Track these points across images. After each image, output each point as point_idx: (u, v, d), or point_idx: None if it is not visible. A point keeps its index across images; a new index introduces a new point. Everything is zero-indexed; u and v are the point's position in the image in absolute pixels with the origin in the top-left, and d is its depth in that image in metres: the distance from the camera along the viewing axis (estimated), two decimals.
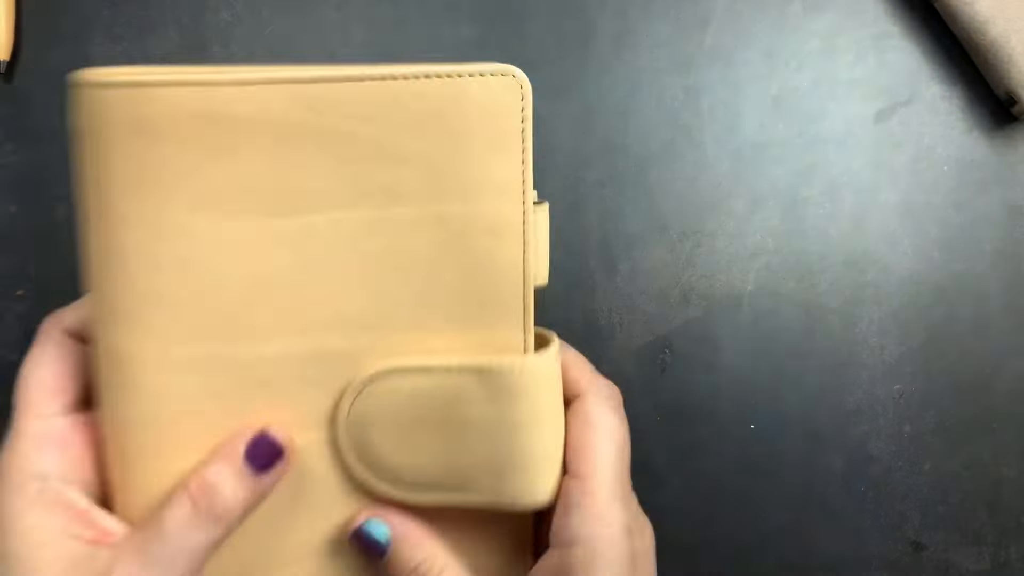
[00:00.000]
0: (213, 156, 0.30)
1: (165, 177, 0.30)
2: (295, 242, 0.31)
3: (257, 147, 0.30)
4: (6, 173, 0.49)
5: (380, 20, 0.50)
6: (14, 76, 0.50)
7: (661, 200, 0.49)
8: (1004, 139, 0.50)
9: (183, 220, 0.30)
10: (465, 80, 0.30)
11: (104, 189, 0.30)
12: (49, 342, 0.32)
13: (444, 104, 0.30)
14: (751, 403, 0.48)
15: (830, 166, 0.50)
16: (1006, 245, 0.49)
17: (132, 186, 0.30)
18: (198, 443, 0.31)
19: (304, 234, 0.31)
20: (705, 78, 0.50)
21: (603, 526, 0.30)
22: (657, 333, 0.49)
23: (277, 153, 0.30)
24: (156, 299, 0.30)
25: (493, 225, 0.31)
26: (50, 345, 0.32)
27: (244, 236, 0.30)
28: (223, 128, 0.29)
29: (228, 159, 0.30)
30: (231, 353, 0.31)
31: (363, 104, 0.30)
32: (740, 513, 0.48)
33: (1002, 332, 0.49)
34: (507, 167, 0.31)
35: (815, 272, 0.49)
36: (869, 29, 0.51)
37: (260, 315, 0.31)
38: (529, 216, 0.31)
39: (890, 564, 0.48)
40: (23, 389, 0.31)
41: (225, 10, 0.50)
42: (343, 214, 0.31)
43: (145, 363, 0.31)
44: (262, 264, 0.31)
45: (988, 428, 0.48)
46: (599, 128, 0.50)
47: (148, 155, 0.29)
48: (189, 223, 0.30)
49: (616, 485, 0.32)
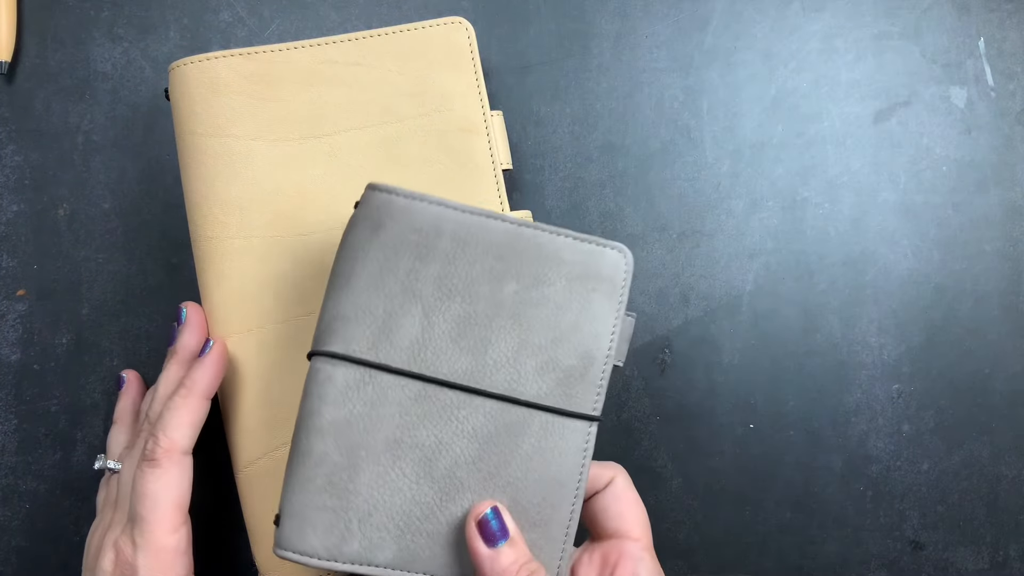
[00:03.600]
0: (261, 101, 0.44)
1: (232, 119, 0.43)
2: (325, 157, 0.44)
3: (291, 92, 0.44)
4: (7, 174, 0.49)
5: (380, 20, 0.51)
6: (15, 77, 0.50)
7: (661, 200, 0.49)
8: (1003, 139, 0.50)
9: (247, 147, 0.43)
10: (429, 30, 0.45)
11: (194, 133, 0.43)
12: (173, 465, 0.38)
13: (416, 46, 0.45)
14: (751, 403, 0.48)
15: (829, 166, 0.50)
16: (1005, 245, 0.49)
17: (211, 128, 0.43)
18: (266, 308, 0.43)
19: (330, 150, 0.44)
20: (705, 78, 0.50)
21: (655, 574, 0.38)
22: (657, 333, 0.49)
23: (305, 95, 0.44)
24: (235, 205, 0.43)
25: (463, 125, 0.45)
26: (174, 469, 0.38)
27: (289, 155, 0.43)
28: (266, 81, 0.44)
29: (272, 102, 0.44)
30: (288, 243, 0.43)
31: (362, 54, 0.45)
32: (740, 513, 0.48)
33: (1001, 332, 0.49)
34: (466, 83, 0.45)
35: (814, 272, 0.49)
36: (868, 30, 0.51)
37: (307, 212, 0.43)
38: (488, 116, 0.45)
39: (889, 563, 0.48)
40: (152, 507, 0.37)
41: (225, 10, 0.50)
42: (356, 132, 0.44)
43: (231, 252, 0.42)
44: (304, 175, 0.43)
45: (987, 428, 0.49)
46: (599, 128, 0.50)
47: (219, 105, 0.43)
48: (251, 149, 0.43)
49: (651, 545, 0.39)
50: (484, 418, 0.36)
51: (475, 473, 0.36)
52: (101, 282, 0.48)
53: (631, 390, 0.48)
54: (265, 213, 0.42)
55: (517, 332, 0.37)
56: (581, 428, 0.37)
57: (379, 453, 0.36)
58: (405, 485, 0.36)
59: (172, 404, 0.39)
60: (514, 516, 0.36)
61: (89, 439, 0.47)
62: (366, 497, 0.35)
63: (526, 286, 0.37)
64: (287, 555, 0.35)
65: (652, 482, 0.48)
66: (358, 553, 0.35)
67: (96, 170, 0.49)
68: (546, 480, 0.36)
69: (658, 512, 0.48)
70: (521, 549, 0.35)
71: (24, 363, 0.48)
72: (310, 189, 0.43)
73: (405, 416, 0.36)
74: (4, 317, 0.48)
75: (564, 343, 0.37)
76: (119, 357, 0.48)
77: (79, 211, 0.49)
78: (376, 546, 0.35)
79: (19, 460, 0.47)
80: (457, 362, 0.36)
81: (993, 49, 0.51)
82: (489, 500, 0.36)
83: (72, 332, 0.48)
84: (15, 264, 0.48)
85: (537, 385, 0.37)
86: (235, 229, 0.42)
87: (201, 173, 0.43)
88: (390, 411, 0.36)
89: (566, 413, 0.37)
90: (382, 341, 0.36)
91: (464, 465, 0.36)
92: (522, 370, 0.37)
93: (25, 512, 0.47)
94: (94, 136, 0.49)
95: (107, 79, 0.50)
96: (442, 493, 0.36)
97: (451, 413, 0.36)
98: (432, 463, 0.36)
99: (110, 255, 0.48)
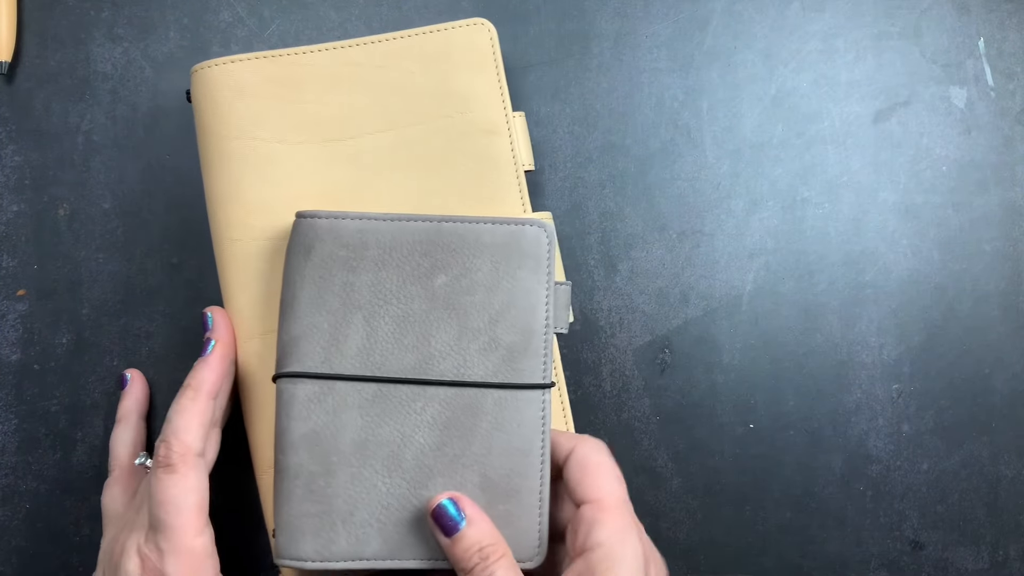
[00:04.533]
0: (285, 103, 0.44)
1: (256, 121, 0.43)
2: (348, 159, 0.43)
3: (315, 94, 0.44)
4: (7, 174, 0.49)
5: (380, 20, 0.51)
6: (15, 77, 0.50)
7: (661, 200, 0.49)
8: (1003, 139, 0.50)
9: (271, 149, 0.43)
10: (451, 31, 0.45)
11: (217, 135, 0.43)
12: (189, 469, 0.37)
13: (439, 48, 0.44)
14: (750, 403, 0.48)
15: (829, 166, 0.50)
16: (1005, 245, 0.50)
17: (235, 130, 0.43)
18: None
19: (353, 153, 0.44)
20: (705, 78, 0.50)
21: (618, 534, 0.35)
22: (657, 333, 0.49)
23: (328, 97, 0.44)
24: (260, 207, 0.43)
25: (485, 127, 0.44)
26: (191, 472, 0.37)
27: (313, 157, 0.43)
28: (290, 84, 0.44)
29: (296, 104, 0.44)
30: None
31: (385, 56, 0.44)
32: (740, 513, 0.48)
33: (1001, 332, 0.49)
34: (488, 84, 0.45)
35: (814, 272, 0.49)
36: (868, 30, 0.51)
37: None
38: (510, 119, 0.44)
39: (889, 563, 0.48)
40: (175, 513, 0.37)
41: (225, 11, 0.50)
42: (379, 135, 0.44)
43: (255, 255, 0.42)
44: (327, 178, 0.43)
45: (987, 427, 0.49)
46: (599, 128, 0.50)
47: (243, 107, 0.43)
48: (275, 151, 0.43)
49: (628, 514, 0.36)
50: (439, 406, 0.38)
51: (441, 458, 0.38)
52: (101, 282, 0.48)
53: (631, 390, 0.48)
54: (289, 215, 0.42)
55: (455, 320, 0.39)
56: (535, 397, 0.39)
57: (349, 456, 0.38)
58: (379, 481, 0.38)
59: (180, 407, 0.39)
60: (485, 492, 0.38)
61: (89, 439, 0.47)
62: (345, 498, 0.38)
63: (455, 276, 0.39)
64: (285, 563, 0.38)
65: (652, 482, 0.48)
66: (346, 551, 0.38)
67: (96, 170, 0.49)
68: (510, 452, 0.38)
69: (658, 512, 0.48)
70: (481, 529, 0.36)
71: (24, 363, 0.48)
72: (334, 191, 0.43)
73: (366, 417, 0.38)
74: (4, 317, 0.48)
75: (501, 322, 0.39)
76: (119, 357, 0.48)
77: (79, 211, 0.49)
78: (362, 541, 0.38)
79: (19, 460, 0.47)
80: (404, 358, 0.39)
81: (993, 49, 0.51)
82: (443, 492, 0.37)
83: (72, 332, 0.48)
84: (15, 264, 0.48)
85: (484, 366, 0.39)
86: (260, 231, 0.42)
87: (225, 175, 0.43)
88: (351, 415, 0.38)
89: (516, 386, 0.39)
90: (332, 353, 0.39)
91: (429, 452, 0.38)
92: (466, 355, 0.39)
93: (25, 512, 0.47)
94: (94, 136, 0.49)
95: (107, 79, 0.50)
96: (414, 482, 0.38)
97: (408, 406, 0.38)
98: (399, 456, 0.38)
99: (110, 255, 0.48)
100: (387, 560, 0.38)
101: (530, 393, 0.39)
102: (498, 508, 0.38)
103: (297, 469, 0.38)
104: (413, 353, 0.39)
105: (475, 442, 0.38)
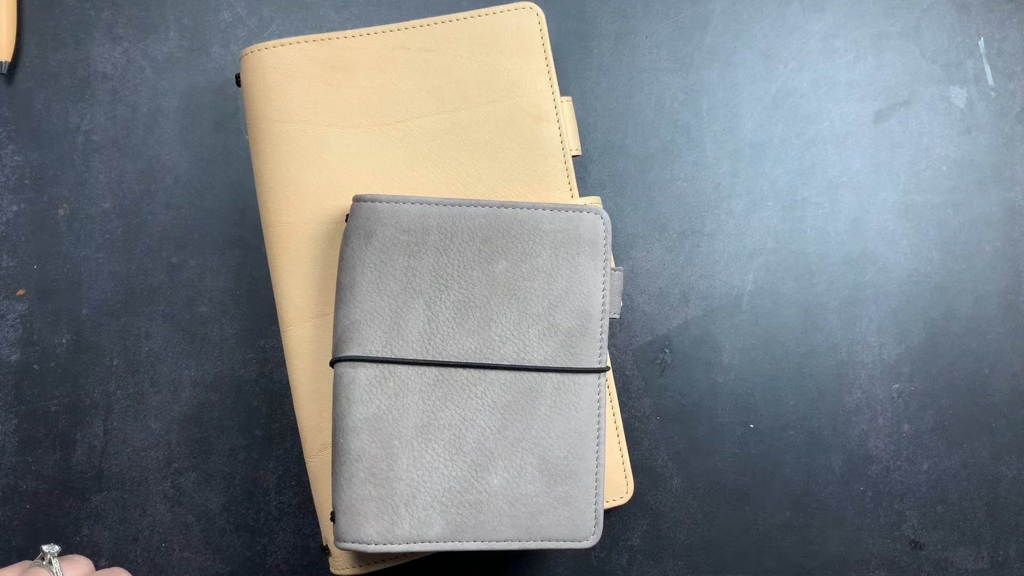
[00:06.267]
0: (335, 87, 0.44)
1: (306, 105, 0.43)
2: (397, 143, 0.44)
3: (364, 78, 0.44)
4: (7, 174, 0.49)
5: (380, 20, 0.51)
6: (15, 77, 0.50)
7: (661, 200, 0.49)
8: (1003, 139, 0.50)
9: (321, 133, 0.43)
10: (500, 15, 0.45)
11: (268, 119, 0.43)
12: None
13: (487, 32, 0.44)
14: (750, 403, 0.48)
15: (829, 166, 0.50)
16: (1005, 245, 0.50)
17: (285, 113, 0.43)
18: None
19: (402, 137, 0.44)
20: (705, 78, 0.50)
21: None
22: (657, 333, 0.49)
23: (378, 81, 0.44)
24: (310, 190, 0.43)
25: (533, 112, 0.44)
26: None
27: (362, 141, 0.44)
28: (340, 68, 0.44)
29: (346, 88, 0.44)
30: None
31: (434, 40, 0.44)
32: (740, 513, 0.48)
33: (1001, 332, 0.49)
34: (536, 69, 0.44)
35: (814, 272, 0.49)
36: (868, 29, 0.51)
37: None
38: (558, 104, 0.44)
39: (889, 563, 0.48)
40: None
41: (225, 10, 0.50)
42: (428, 119, 0.44)
43: (305, 238, 0.43)
44: (377, 161, 0.43)
45: (987, 427, 0.49)
46: (599, 128, 0.50)
47: (293, 91, 0.43)
48: (325, 135, 0.43)
49: None
50: (500, 389, 0.39)
51: (502, 441, 0.39)
52: (101, 282, 0.48)
53: (631, 390, 0.48)
54: (340, 199, 0.43)
55: (515, 306, 0.40)
56: (591, 381, 0.40)
57: (411, 439, 0.39)
58: (440, 463, 0.39)
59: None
60: (544, 473, 0.39)
61: (89, 439, 0.47)
62: (407, 481, 0.38)
63: (515, 262, 0.40)
64: (347, 546, 0.38)
65: (652, 482, 0.48)
66: (409, 533, 0.38)
67: (96, 170, 0.49)
68: (568, 434, 0.39)
69: (658, 512, 0.48)
70: None
71: (24, 363, 0.48)
72: (383, 175, 0.44)
73: (428, 401, 0.39)
74: (4, 317, 0.48)
75: (560, 307, 0.40)
76: (119, 357, 0.48)
77: (79, 211, 0.49)
78: (425, 524, 0.38)
79: (19, 460, 0.47)
80: (466, 343, 0.39)
81: (993, 49, 0.51)
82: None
83: (72, 332, 0.48)
84: (15, 264, 0.48)
85: (543, 350, 0.39)
86: (310, 214, 0.43)
87: (275, 159, 0.43)
88: (413, 399, 0.39)
89: (574, 370, 0.40)
90: (394, 337, 0.39)
91: (490, 435, 0.39)
92: (526, 339, 0.39)
93: (25, 512, 0.47)
94: (94, 136, 0.49)
95: (107, 79, 0.50)
96: (475, 465, 0.39)
97: (469, 390, 0.39)
98: (460, 439, 0.39)
99: (110, 255, 0.48)
100: (449, 543, 0.38)
101: (587, 377, 0.40)
102: (556, 490, 0.39)
103: (359, 452, 0.38)
104: (474, 338, 0.39)
105: (535, 425, 0.39)
